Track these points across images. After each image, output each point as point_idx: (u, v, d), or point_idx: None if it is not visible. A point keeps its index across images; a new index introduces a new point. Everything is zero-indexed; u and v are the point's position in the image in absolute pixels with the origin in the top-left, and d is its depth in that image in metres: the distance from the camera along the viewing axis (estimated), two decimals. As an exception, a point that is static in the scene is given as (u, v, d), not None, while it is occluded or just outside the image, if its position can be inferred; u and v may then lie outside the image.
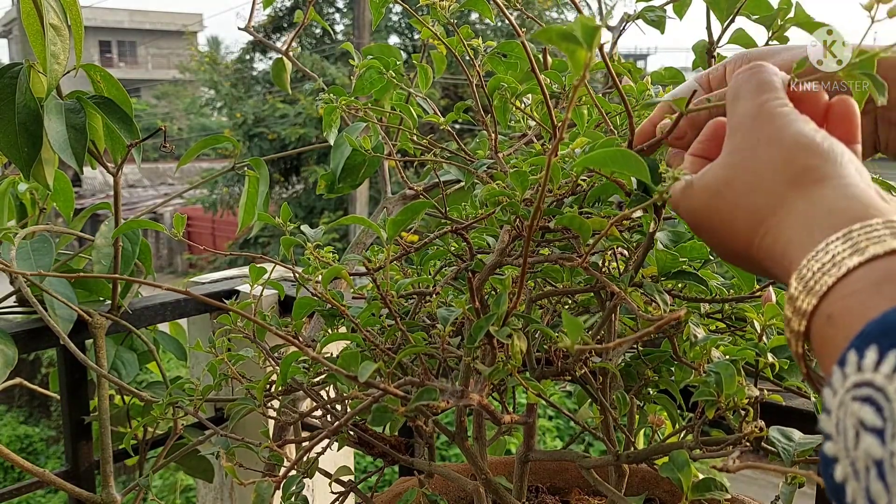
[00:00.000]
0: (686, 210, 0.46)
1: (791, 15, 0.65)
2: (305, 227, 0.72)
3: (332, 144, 0.90)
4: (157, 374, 1.13)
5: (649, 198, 0.49)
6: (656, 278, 0.60)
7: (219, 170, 7.49)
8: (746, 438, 0.54)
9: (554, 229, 0.59)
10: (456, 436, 0.66)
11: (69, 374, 1.05)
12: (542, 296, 0.67)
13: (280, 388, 0.75)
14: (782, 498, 0.61)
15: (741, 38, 0.69)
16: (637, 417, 0.73)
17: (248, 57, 11.83)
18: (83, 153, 0.89)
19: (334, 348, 0.92)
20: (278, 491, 0.57)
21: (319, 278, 0.67)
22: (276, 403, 0.80)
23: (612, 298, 0.60)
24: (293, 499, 0.66)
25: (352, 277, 0.71)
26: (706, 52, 0.72)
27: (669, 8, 0.73)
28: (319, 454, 0.68)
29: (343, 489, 0.75)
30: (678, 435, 0.67)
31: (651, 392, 0.70)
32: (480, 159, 0.76)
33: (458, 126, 0.85)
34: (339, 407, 0.74)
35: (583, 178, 0.58)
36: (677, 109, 0.50)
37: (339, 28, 11.90)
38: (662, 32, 0.74)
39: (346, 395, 0.70)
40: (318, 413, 0.79)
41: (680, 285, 0.66)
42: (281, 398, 0.78)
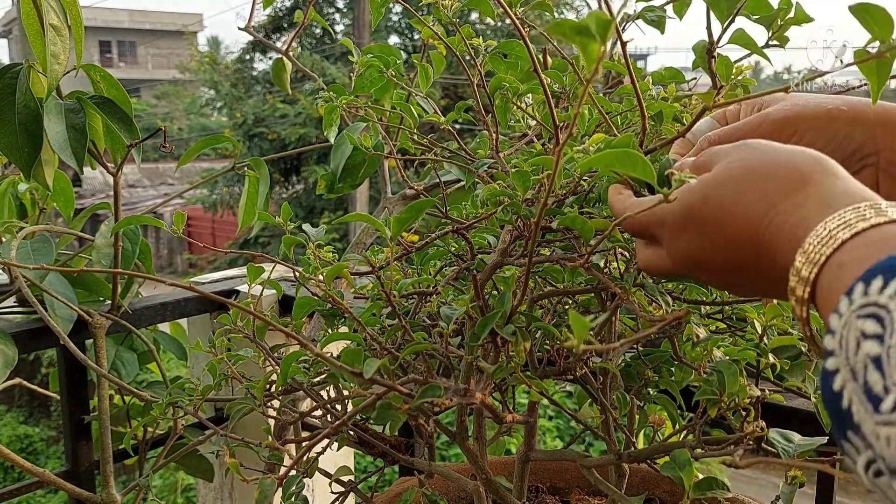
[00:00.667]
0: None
1: (791, 15, 0.65)
2: (307, 226, 0.72)
3: (332, 144, 0.89)
4: (157, 373, 1.13)
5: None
6: (657, 279, 0.60)
7: (219, 170, 7.49)
8: (748, 438, 0.54)
9: (555, 229, 0.59)
10: (457, 435, 0.66)
11: (69, 374, 1.05)
12: (544, 296, 0.67)
13: (280, 388, 0.75)
14: (783, 498, 0.61)
15: (741, 38, 0.69)
16: (637, 417, 0.73)
17: (248, 57, 11.83)
18: (83, 153, 0.89)
19: (334, 349, 0.92)
20: (278, 491, 0.57)
21: (321, 277, 0.67)
22: (276, 403, 0.80)
23: (614, 299, 0.60)
24: (293, 499, 0.66)
25: (353, 277, 0.71)
26: (706, 52, 0.71)
27: (669, 8, 0.73)
28: (319, 454, 0.68)
29: (343, 489, 0.75)
30: (679, 435, 0.67)
31: (651, 392, 0.71)
32: (481, 159, 0.76)
33: (459, 126, 0.85)
34: (339, 407, 0.74)
35: (584, 178, 0.58)
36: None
37: (339, 28, 11.91)
38: (662, 32, 0.74)
39: (346, 394, 0.70)
40: (318, 413, 0.79)
41: (681, 287, 0.66)
42: (281, 398, 0.78)
